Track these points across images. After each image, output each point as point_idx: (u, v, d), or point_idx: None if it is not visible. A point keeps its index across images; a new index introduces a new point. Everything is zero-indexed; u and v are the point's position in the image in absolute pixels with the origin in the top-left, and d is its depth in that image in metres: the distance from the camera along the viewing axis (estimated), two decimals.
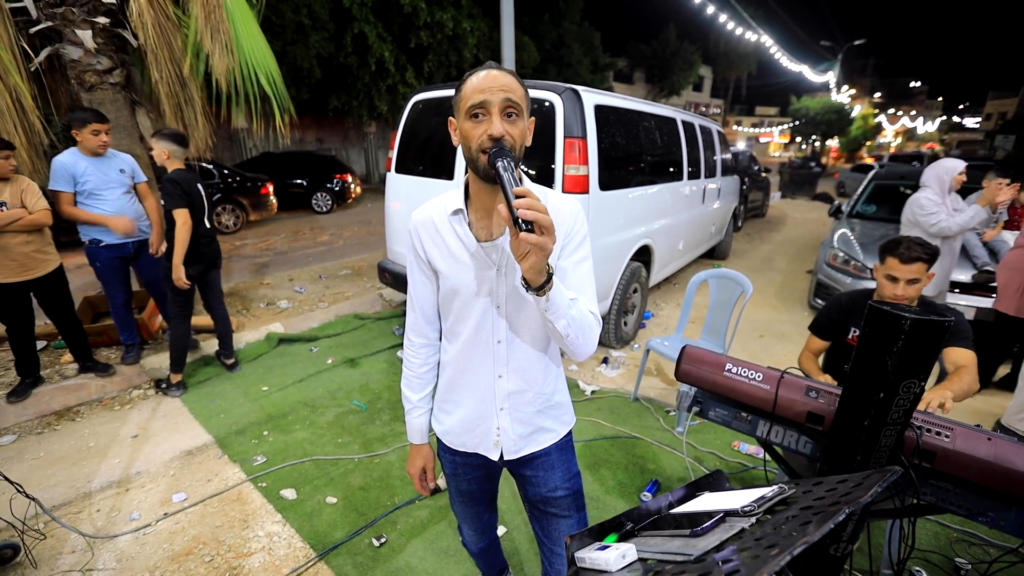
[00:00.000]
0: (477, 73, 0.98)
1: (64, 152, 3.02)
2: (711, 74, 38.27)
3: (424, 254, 1.13)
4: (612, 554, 0.78)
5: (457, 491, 1.34)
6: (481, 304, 1.09)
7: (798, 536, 0.62)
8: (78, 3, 3.29)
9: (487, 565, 1.64)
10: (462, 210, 1.06)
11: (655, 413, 3.07)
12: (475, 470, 1.27)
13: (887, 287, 1.77)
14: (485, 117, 0.95)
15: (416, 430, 1.28)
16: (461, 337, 1.14)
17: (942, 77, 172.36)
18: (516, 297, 1.08)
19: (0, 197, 2.69)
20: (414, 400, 1.27)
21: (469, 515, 1.39)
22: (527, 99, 1.00)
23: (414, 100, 3.84)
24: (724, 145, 6.38)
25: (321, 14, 11.13)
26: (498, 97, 0.94)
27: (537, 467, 1.23)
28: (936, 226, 3.15)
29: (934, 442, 1.18)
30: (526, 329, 1.12)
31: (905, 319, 1.00)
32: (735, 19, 17.52)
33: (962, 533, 2.13)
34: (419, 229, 1.12)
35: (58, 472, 2.47)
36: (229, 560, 1.96)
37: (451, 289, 1.11)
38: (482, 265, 1.07)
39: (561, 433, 1.25)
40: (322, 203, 10.84)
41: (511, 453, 1.20)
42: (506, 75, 0.97)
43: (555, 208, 1.06)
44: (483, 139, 0.94)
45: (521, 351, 1.13)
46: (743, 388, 1.44)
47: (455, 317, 1.14)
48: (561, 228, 1.05)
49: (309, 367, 3.61)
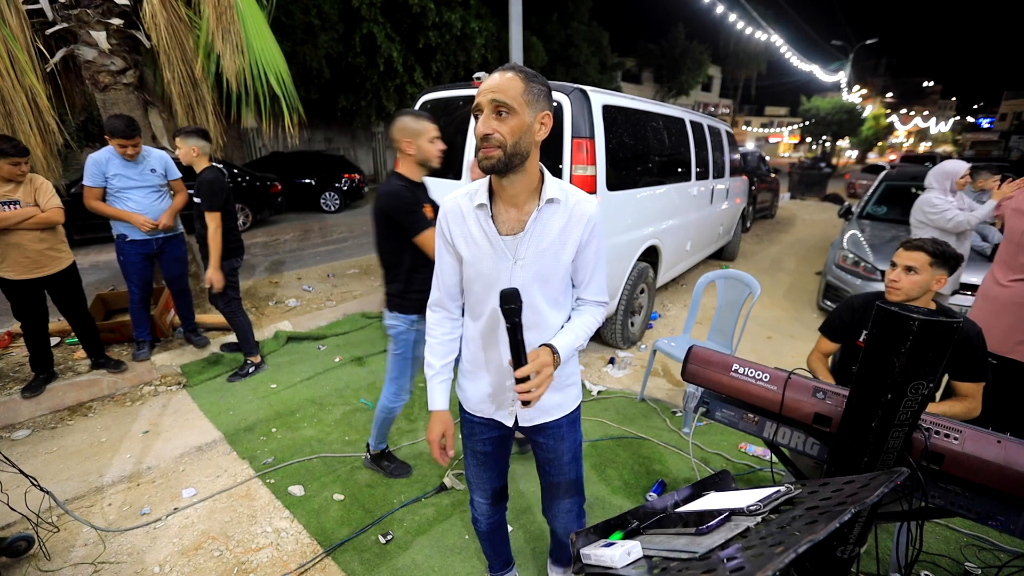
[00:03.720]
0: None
1: (101, 149, 3.15)
2: (720, 74, 38.04)
3: (451, 238, 1.23)
4: (617, 551, 0.78)
5: (472, 452, 1.44)
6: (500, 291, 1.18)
7: (803, 535, 0.62)
8: (93, 5, 3.34)
9: (494, 552, 1.67)
10: (486, 204, 1.16)
11: (661, 414, 3.06)
12: (490, 430, 1.39)
13: (889, 274, 1.80)
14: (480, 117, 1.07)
15: (437, 396, 1.33)
16: (482, 318, 1.26)
17: (956, 77, 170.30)
18: (532, 287, 1.18)
19: (13, 196, 2.74)
20: (437, 367, 1.34)
21: (483, 479, 1.47)
22: (532, 94, 1.06)
23: (422, 100, 3.86)
24: (733, 145, 6.34)
25: (330, 14, 11.19)
26: (486, 98, 1.04)
27: (548, 436, 1.37)
28: (952, 220, 3.15)
29: (943, 444, 1.17)
30: (540, 318, 1.22)
31: (913, 320, 1.00)
32: (745, 18, 17.38)
33: (971, 537, 2.11)
34: (448, 215, 1.23)
35: (71, 466, 2.51)
36: (238, 555, 1.99)
37: (474, 274, 1.22)
38: (501, 256, 1.17)
39: (570, 408, 1.37)
40: (331, 202, 10.90)
41: (525, 422, 1.34)
42: (505, 76, 1.05)
43: (575, 210, 1.17)
44: (478, 139, 1.08)
45: (536, 335, 1.22)
46: (750, 389, 1.44)
47: (476, 299, 1.26)
48: (579, 227, 1.18)
49: (317, 365, 3.63)
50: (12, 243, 2.76)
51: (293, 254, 7.07)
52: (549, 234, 1.16)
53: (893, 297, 1.77)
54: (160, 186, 3.32)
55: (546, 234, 1.16)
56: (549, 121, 1.11)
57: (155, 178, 3.28)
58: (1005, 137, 31.17)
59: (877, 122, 38.43)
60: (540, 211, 1.15)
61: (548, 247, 1.16)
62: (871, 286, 4.08)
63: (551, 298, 1.22)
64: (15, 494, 2.05)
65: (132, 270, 3.30)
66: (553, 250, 1.17)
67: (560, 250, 1.17)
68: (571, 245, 1.18)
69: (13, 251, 2.78)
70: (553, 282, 1.20)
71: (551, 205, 1.16)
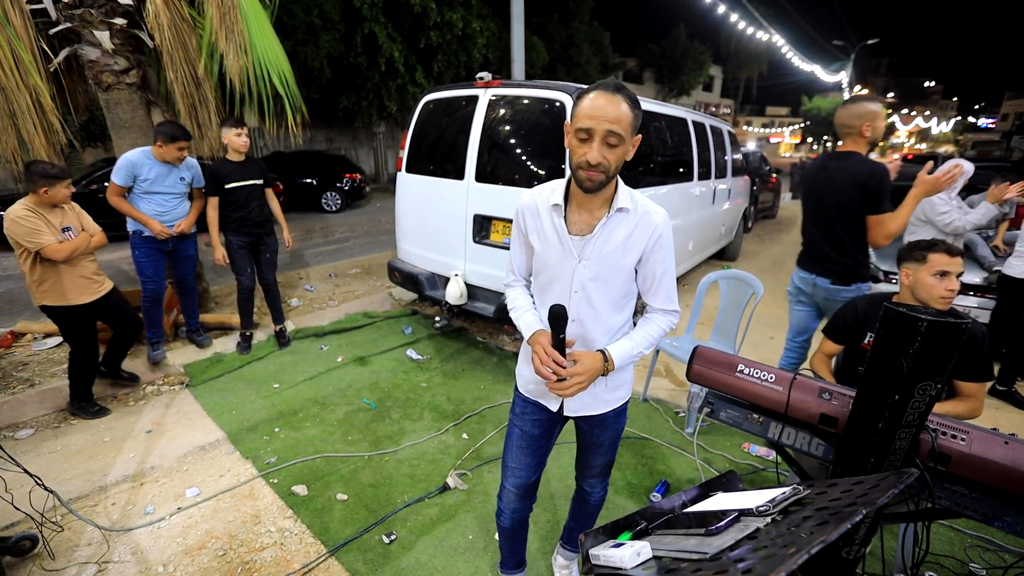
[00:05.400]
0: (593, 95, 1.12)
1: (136, 150, 3.19)
2: (721, 74, 38.00)
3: (524, 230, 1.36)
4: (627, 552, 0.78)
5: (520, 432, 1.49)
6: (562, 286, 1.30)
7: (815, 535, 0.62)
8: (96, 5, 3.34)
9: (510, 550, 1.68)
10: (560, 205, 1.26)
11: (664, 414, 3.06)
12: (540, 412, 1.46)
13: (935, 286, 1.73)
14: (588, 141, 1.12)
15: (529, 324, 1.35)
16: (542, 308, 1.37)
17: (957, 77, 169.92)
18: (588, 287, 1.27)
19: (64, 222, 2.72)
20: (525, 304, 1.42)
21: (521, 464, 1.50)
22: (635, 121, 1.13)
23: (425, 100, 3.86)
24: (734, 146, 6.34)
25: (332, 14, 11.19)
26: (602, 127, 1.09)
27: (593, 424, 1.47)
28: (951, 224, 3.24)
29: (950, 445, 1.17)
30: (597, 315, 1.31)
31: (922, 321, 0.99)
32: (746, 18, 17.38)
33: (976, 538, 2.10)
34: (524, 210, 1.35)
35: (74, 466, 2.52)
36: (241, 555, 1.99)
37: (541, 265, 1.35)
38: (568, 254, 1.27)
39: (616, 405, 1.45)
40: (332, 202, 10.91)
41: (571, 411, 1.42)
42: (617, 102, 1.09)
43: (642, 220, 1.25)
44: (582, 160, 1.13)
45: (591, 331, 1.32)
46: (755, 389, 1.43)
47: (540, 288, 1.39)
48: (644, 237, 1.25)
49: (319, 365, 3.64)
50: (73, 268, 2.73)
51: (294, 254, 7.07)
52: (614, 240, 1.24)
53: (945, 306, 1.73)
54: (184, 193, 3.39)
55: (612, 240, 1.24)
56: (638, 142, 1.20)
57: (182, 186, 3.36)
58: (1007, 137, 31.13)
59: None
60: (609, 218, 1.24)
61: (612, 252, 1.25)
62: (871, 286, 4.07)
63: (610, 299, 1.30)
64: (19, 493, 2.05)
65: (147, 265, 3.32)
66: (616, 255, 1.26)
67: (623, 256, 1.25)
68: (634, 252, 1.26)
69: (74, 276, 2.74)
70: (613, 285, 1.28)
71: (620, 213, 1.24)
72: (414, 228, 3.98)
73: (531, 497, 1.56)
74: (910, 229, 3.47)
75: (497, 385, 3.42)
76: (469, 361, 3.80)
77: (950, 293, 1.72)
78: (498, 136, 3.39)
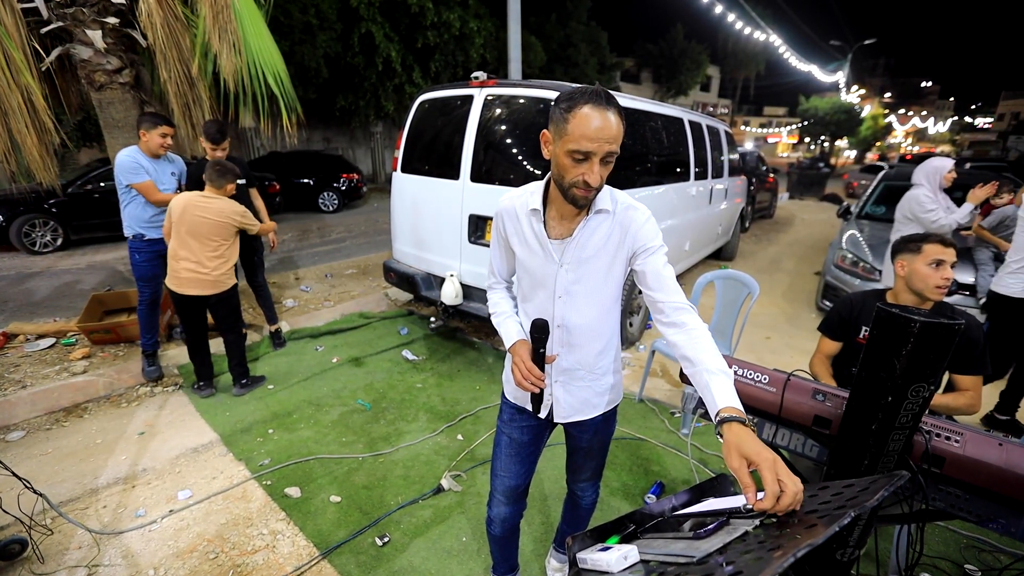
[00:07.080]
0: (586, 111, 1.04)
1: (125, 150, 3.10)
2: (719, 74, 38.06)
3: (505, 234, 1.34)
4: (614, 555, 0.77)
5: (509, 440, 1.47)
6: (546, 291, 1.28)
7: (803, 538, 0.61)
8: (88, 3, 3.32)
9: (502, 556, 1.67)
10: (539, 210, 1.23)
11: (660, 415, 3.05)
12: (529, 419, 1.44)
13: (931, 275, 1.73)
14: (585, 162, 1.07)
15: (509, 333, 1.35)
16: (526, 316, 1.36)
17: (954, 77, 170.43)
18: (572, 291, 1.26)
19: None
20: (507, 310, 1.42)
21: (510, 471, 1.48)
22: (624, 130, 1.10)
23: (420, 99, 3.85)
24: (731, 145, 6.34)
25: (328, 14, 11.16)
26: (602, 149, 1.05)
27: (583, 429, 1.45)
28: (936, 223, 3.26)
29: (943, 447, 1.16)
30: (581, 319, 1.28)
31: (914, 321, 0.99)
32: (743, 18, 17.36)
33: (971, 539, 2.10)
34: (503, 214, 1.32)
35: (66, 468, 2.49)
36: (233, 557, 1.97)
37: (523, 271, 1.33)
38: (548, 259, 1.25)
39: (606, 409, 1.43)
40: (328, 202, 10.87)
41: (560, 417, 1.40)
42: (612, 118, 1.05)
43: (622, 219, 1.21)
44: (577, 180, 1.08)
45: (576, 336, 1.30)
46: (749, 391, 1.43)
47: (523, 295, 1.37)
48: (628, 236, 1.21)
49: (314, 366, 3.62)
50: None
51: (291, 254, 7.05)
52: (595, 242, 1.22)
53: (940, 296, 1.74)
54: (175, 188, 3.34)
55: (592, 242, 1.21)
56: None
57: (172, 180, 3.32)
58: (1003, 137, 31.24)
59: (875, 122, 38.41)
60: (588, 220, 1.21)
61: (593, 254, 1.22)
62: (870, 286, 4.07)
63: (596, 303, 1.28)
64: (8, 496, 2.03)
65: (147, 269, 3.27)
66: (598, 258, 1.23)
67: (605, 258, 1.23)
68: (619, 253, 1.22)
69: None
70: (598, 288, 1.26)
71: (600, 215, 1.21)
72: (409, 228, 3.97)
73: (521, 502, 1.55)
74: (896, 227, 3.49)
75: (492, 386, 3.40)
76: (464, 362, 3.78)
77: (945, 282, 1.73)
78: (493, 136, 3.38)
